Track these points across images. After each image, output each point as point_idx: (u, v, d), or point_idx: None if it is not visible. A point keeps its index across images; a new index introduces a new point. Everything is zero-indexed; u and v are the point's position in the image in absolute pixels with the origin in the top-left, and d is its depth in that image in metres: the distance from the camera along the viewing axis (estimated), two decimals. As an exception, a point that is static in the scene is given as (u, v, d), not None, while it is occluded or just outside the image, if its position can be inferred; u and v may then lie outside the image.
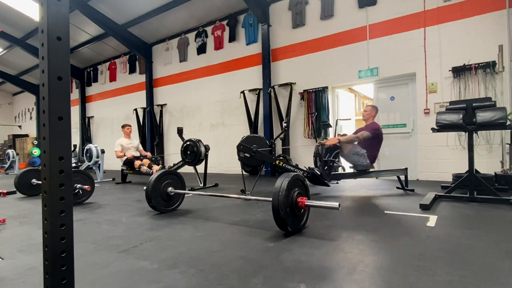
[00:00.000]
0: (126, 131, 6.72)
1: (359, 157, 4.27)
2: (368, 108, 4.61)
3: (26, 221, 3.07)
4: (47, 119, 0.93)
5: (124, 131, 6.73)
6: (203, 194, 3.70)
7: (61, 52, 0.95)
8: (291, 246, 2.08)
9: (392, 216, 2.90)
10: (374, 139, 4.32)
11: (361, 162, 4.28)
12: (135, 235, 2.44)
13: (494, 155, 5.01)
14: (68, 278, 0.99)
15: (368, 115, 4.55)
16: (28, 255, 2.03)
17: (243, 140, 4.46)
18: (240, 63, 8.13)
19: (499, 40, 4.98)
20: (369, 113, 4.55)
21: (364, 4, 6.23)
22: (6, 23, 10.26)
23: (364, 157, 4.27)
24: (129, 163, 6.32)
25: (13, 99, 17.86)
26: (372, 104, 4.67)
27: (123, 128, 6.77)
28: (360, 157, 4.27)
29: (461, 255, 1.84)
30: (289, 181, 2.31)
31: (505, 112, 3.21)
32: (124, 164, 6.44)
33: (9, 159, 10.54)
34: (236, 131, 8.01)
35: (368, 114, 4.55)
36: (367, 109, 4.60)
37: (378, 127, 4.42)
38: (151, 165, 6.16)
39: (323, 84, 6.80)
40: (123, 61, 11.23)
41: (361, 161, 4.28)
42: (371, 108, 4.60)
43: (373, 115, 4.56)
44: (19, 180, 4.66)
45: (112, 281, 1.59)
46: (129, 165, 6.36)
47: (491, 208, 3.11)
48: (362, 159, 4.27)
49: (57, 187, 0.95)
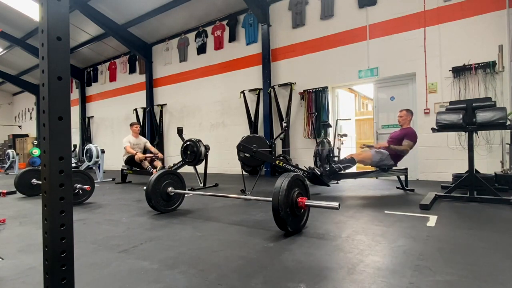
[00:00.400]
0: (135, 129, 6.43)
1: (383, 161, 4.36)
2: (403, 113, 4.54)
3: (26, 221, 3.07)
4: (47, 119, 0.93)
5: (132, 129, 6.45)
6: (203, 194, 3.70)
7: (61, 52, 0.95)
8: (291, 246, 2.08)
9: (392, 216, 2.90)
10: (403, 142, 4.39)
11: (386, 163, 4.37)
12: (135, 235, 2.44)
13: (494, 155, 5.01)
14: (68, 278, 0.99)
15: (404, 120, 4.52)
16: (28, 255, 2.02)
17: (243, 140, 4.46)
18: (240, 63, 8.13)
19: (499, 40, 4.98)
20: (405, 118, 4.51)
21: (364, 4, 6.23)
22: (6, 23, 10.26)
23: (388, 159, 4.35)
24: (130, 161, 6.16)
25: (13, 99, 17.86)
26: (407, 108, 4.67)
27: (132, 127, 6.49)
28: (385, 160, 4.35)
29: (461, 255, 1.84)
30: (289, 181, 2.31)
31: (505, 112, 3.21)
32: (126, 163, 6.28)
33: (9, 159, 10.54)
34: (236, 131, 8.01)
35: (404, 119, 4.51)
36: (402, 114, 4.54)
37: (415, 132, 4.43)
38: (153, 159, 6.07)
39: (323, 84, 6.80)
40: (123, 61, 11.23)
41: (386, 163, 4.37)
42: (406, 112, 4.54)
43: (409, 119, 4.53)
44: (19, 180, 4.66)
45: (112, 281, 1.59)
46: (130, 164, 6.21)
47: (491, 208, 3.11)
48: (386, 161, 4.36)
49: (57, 187, 0.95)
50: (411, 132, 4.39)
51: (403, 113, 4.56)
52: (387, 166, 4.38)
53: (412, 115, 4.59)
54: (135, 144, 6.33)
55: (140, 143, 6.44)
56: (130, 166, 6.28)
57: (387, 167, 4.40)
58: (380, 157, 4.34)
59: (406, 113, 4.54)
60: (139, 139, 6.50)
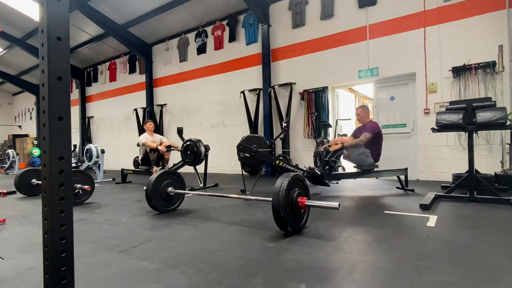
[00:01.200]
0: (149, 127, 6.30)
1: (365, 157, 4.30)
2: (359, 110, 4.65)
3: (26, 221, 3.07)
4: (47, 119, 0.93)
5: (146, 127, 6.33)
6: (203, 194, 3.70)
7: (61, 52, 0.95)
8: (291, 246, 2.08)
9: (392, 216, 2.90)
10: (374, 138, 4.34)
11: (366, 161, 4.31)
12: (135, 235, 2.44)
13: (494, 155, 5.01)
14: (68, 278, 0.99)
15: (363, 117, 4.59)
16: (28, 255, 2.02)
17: (243, 140, 4.46)
18: (240, 63, 8.13)
19: (499, 40, 4.98)
20: (363, 114, 4.59)
21: (364, 4, 6.23)
22: (6, 23, 10.26)
23: (368, 157, 4.30)
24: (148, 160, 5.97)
25: (13, 99, 17.86)
26: (361, 105, 4.73)
27: (145, 125, 6.38)
28: (366, 157, 4.30)
29: (461, 255, 1.83)
30: (289, 181, 2.31)
31: (505, 112, 3.21)
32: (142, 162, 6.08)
33: (9, 159, 10.54)
34: (236, 131, 8.01)
35: (363, 116, 4.59)
36: (359, 112, 4.64)
37: (376, 125, 4.44)
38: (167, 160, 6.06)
39: (323, 84, 6.80)
40: (123, 61, 11.23)
41: (366, 161, 4.31)
42: (362, 109, 4.64)
43: (367, 114, 4.61)
44: (19, 180, 4.66)
45: (112, 281, 1.59)
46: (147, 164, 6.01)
47: (491, 208, 3.11)
48: (367, 159, 4.30)
49: (57, 187, 0.95)
50: (369, 124, 4.44)
51: (359, 110, 4.65)
52: (368, 166, 4.35)
53: (368, 110, 4.68)
54: (152, 142, 6.13)
55: (156, 140, 6.26)
56: (148, 167, 6.05)
57: (368, 168, 4.37)
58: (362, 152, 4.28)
59: (362, 110, 4.62)
60: (155, 136, 6.35)
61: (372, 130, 4.32)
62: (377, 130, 4.36)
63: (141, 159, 6.17)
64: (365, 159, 4.29)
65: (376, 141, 4.37)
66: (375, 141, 4.36)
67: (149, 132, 6.30)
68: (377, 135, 4.35)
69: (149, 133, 6.29)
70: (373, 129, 4.33)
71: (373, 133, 4.29)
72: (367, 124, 4.46)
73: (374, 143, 4.36)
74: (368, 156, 4.28)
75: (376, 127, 4.40)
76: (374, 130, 4.33)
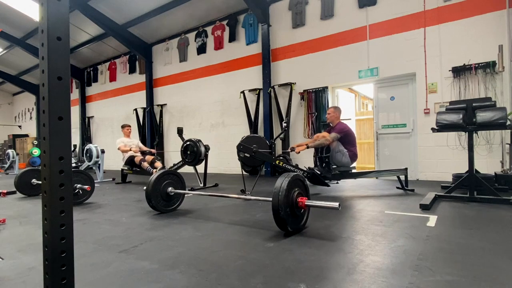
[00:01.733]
0: (126, 131, 6.74)
1: (341, 156, 4.37)
2: (330, 110, 4.71)
3: (26, 221, 3.07)
4: (47, 119, 0.93)
5: (123, 131, 6.76)
6: (203, 194, 3.70)
7: (61, 52, 0.95)
8: (291, 246, 2.08)
9: (392, 216, 2.90)
10: (345, 139, 4.43)
11: (342, 160, 4.38)
12: (135, 235, 2.44)
13: (494, 155, 5.01)
14: (68, 278, 0.99)
15: (332, 117, 4.67)
16: (28, 255, 2.02)
17: (243, 140, 4.46)
18: (240, 63, 8.13)
19: (499, 40, 4.98)
20: (333, 114, 4.66)
21: (364, 4, 6.23)
22: (6, 23, 10.26)
23: (346, 156, 4.38)
24: (131, 161, 6.27)
25: (13, 99, 17.86)
26: (334, 105, 4.81)
27: (123, 129, 6.79)
28: (343, 156, 4.37)
29: (461, 255, 1.84)
30: (289, 181, 2.31)
31: (505, 112, 3.21)
32: (126, 163, 6.39)
33: (9, 159, 10.53)
34: (236, 131, 8.01)
35: (332, 116, 4.67)
36: (330, 111, 4.70)
37: (344, 127, 4.52)
38: (154, 160, 6.12)
39: (323, 84, 6.80)
40: (123, 61, 11.23)
41: (343, 160, 4.38)
42: (333, 109, 4.70)
43: (337, 116, 4.67)
44: (19, 180, 4.66)
45: (112, 281, 1.59)
46: (131, 164, 6.31)
47: (491, 208, 3.11)
48: (344, 158, 4.37)
49: (57, 187, 0.95)
50: (338, 126, 4.52)
51: (330, 110, 4.70)
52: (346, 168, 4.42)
53: (340, 111, 4.74)
54: (129, 143, 6.58)
55: (133, 141, 6.70)
56: (131, 167, 6.37)
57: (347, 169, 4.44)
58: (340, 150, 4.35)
59: (333, 110, 4.69)
60: (131, 140, 6.75)
61: (339, 131, 4.43)
62: (345, 131, 4.46)
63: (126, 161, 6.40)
64: (341, 158, 4.37)
65: (348, 142, 4.46)
66: (347, 141, 4.45)
67: (126, 136, 6.73)
68: (346, 135, 4.44)
69: (126, 137, 6.72)
70: (341, 130, 4.44)
71: (340, 133, 4.40)
72: (336, 126, 4.57)
73: (347, 144, 4.44)
74: (344, 155, 4.37)
75: (343, 127, 4.49)
76: (342, 131, 4.44)
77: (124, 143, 6.48)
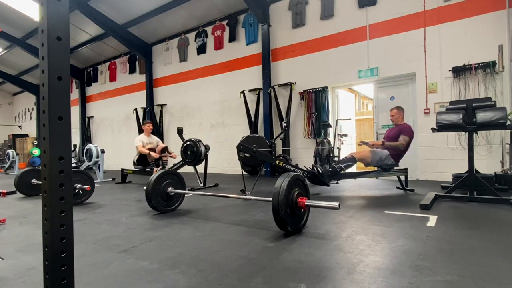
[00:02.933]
0: (147, 128, 6.30)
1: (383, 161, 4.33)
2: (394, 111, 4.58)
3: (26, 221, 3.07)
4: (47, 119, 0.93)
5: (144, 128, 6.32)
6: (203, 194, 3.70)
7: (61, 52, 0.95)
8: (291, 246, 2.08)
9: (392, 216, 2.90)
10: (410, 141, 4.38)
11: (386, 163, 4.34)
12: (135, 235, 2.44)
13: (494, 155, 5.01)
14: (68, 278, 0.99)
15: (396, 118, 4.55)
16: (28, 255, 2.02)
17: (243, 140, 4.46)
18: (240, 63, 8.13)
19: (499, 40, 4.98)
20: (397, 116, 4.54)
21: (364, 4, 6.23)
22: (6, 23, 10.26)
23: (388, 159, 4.33)
24: (142, 160, 6.02)
25: (13, 99, 17.86)
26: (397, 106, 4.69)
27: (144, 125, 6.37)
28: (385, 160, 4.33)
29: (461, 255, 1.84)
30: (289, 181, 2.31)
31: (505, 112, 3.21)
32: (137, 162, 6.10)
33: (9, 159, 10.53)
34: (236, 131, 8.01)
35: (397, 117, 4.55)
36: (393, 113, 4.58)
37: (410, 127, 4.44)
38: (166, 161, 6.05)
39: (323, 84, 6.80)
40: (123, 61, 11.23)
41: (386, 162, 4.34)
42: (397, 110, 4.57)
43: (401, 116, 4.56)
44: (19, 180, 4.66)
45: (112, 281, 1.59)
46: (142, 164, 6.05)
47: (491, 208, 3.11)
48: (387, 161, 4.33)
49: (57, 187, 0.95)
50: (406, 127, 4.42)
51: (394, 111, 4.60)
52: (388, 166, 4.38)
53: (403, 111, 4.62)
54: (148, 144, 6.15)
55: (152, 142, 6.28)
56: (142, 167, 6.10)
57: (389, 167, 4.39)
58: (380, 157, 4.33)
59: (397, 111, 4.58)
60: (151, 138, 6.37)
61: (411, 133, 4.35)
62: (412, 134, 4.38)
63: (136, 159, 6.20)
64: (384, 162, 4.34)
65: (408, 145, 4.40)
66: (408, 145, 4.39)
67: (146, 133, 6.32)
68: (411, 139, 4.38)
69: (146, 134, 6.31)
70: (411, 133, 4.37)
71: (411, 137, 4.34)
72: (405, 127, 4.42)
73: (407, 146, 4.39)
74: (387, 158, 4.32)
75: (412, 130, 4.41)
76: (412, 133, 4.37)
77: (143, 143, 6.06)
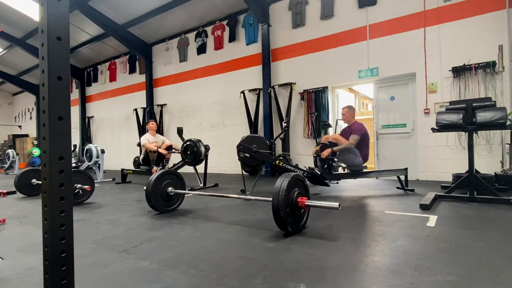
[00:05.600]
0: (151, 126, 6.23)
1: (354, 156, 4.35)
2: (345, 110, 4.68)
3: (26, 221, 3.07)
4: (47, 119, 0.93)
5: (149, 127, 6.26)
6: (203, 194, 3.70)
7: (61, 52, 0.95)
8: (291, 246, 2.08)
9: (392, 216, 2.90)
10: (361, 139, 4.39)
11: (354, 161, 4.36)
12: (135, 235, 2.44)
13: (494, 155, 5.01)
14: (68, 278, 0.99)
15: (348, 117, 4.63)
16: (28, 255, 2.02)
17: (243, 140, 4.46)
18: (240, 63, 8.13)
19: (499, 40, 4.98)
20: (348, 115, 4.63)
21: (364, 4, 6.22)
22: (6, 23, 10.26)
23: (357, 156, 4.36)
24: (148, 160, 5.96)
25: (13, 99, 17.86)
26: (348, 105, 4.79)
27: (147, 124, 6.31)
28: (355, 156, 4.35)
29: (461, 255, 1.83)
30: (289, 181, 2.31)
31: (505, 112, 3.21)
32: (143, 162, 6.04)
33: (9, 159, 10.53)
34: (236, 131, 8.01)
35: (348, 116, 4.63)
36: (344, 112, 4.68)
37: (362, 126, 4.48)
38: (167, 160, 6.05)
39: (323, 84, 6.80)
40: (123, 61, 11.23)
41: (355, 160, 4.35)
42: (347, 109, 4.67)
43: (352, 115, 4.65)
44: (19, 180, 4.66)
45: (112, 281, 1.59)
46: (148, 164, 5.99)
47: (491, 208, 3.11)
48: (355, 158, 4.35)
49: (57, 187, 0.95)
50: (356, 126, 4.46)
51: (345, 110, 4.67)
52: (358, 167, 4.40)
53: (354, 110, 4.71)
54: (153, 142, 6.11)
55: (158, 141, 6.21)
56: (148, 167, 6.03)
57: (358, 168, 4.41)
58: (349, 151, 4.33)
59: (347, 110, 4.65)
60: (157, 137, 6.31)
61: (359, 131, 4.38)
62: (363, 131, 4.42)
63: (142, 159, 6.17)
64: (353, 159, 4.35)
65: (363, 142, 4.42)
66: (362, 142, 4.41)
67: (151, 132, 6.27)
68: (364, 136, 4.40)
69: (151, 133, 6.26)
70: (360, 131, 4.39)
71: (360, 134, 4.35)
72: (354, 126, 4.50)
73: (361, 144, 4.41)
74: (357, 155, 4.35)
75: (362, 128, 4.45)
76: (361, 131, 4.39)
77: (148, 141, 6.01)
